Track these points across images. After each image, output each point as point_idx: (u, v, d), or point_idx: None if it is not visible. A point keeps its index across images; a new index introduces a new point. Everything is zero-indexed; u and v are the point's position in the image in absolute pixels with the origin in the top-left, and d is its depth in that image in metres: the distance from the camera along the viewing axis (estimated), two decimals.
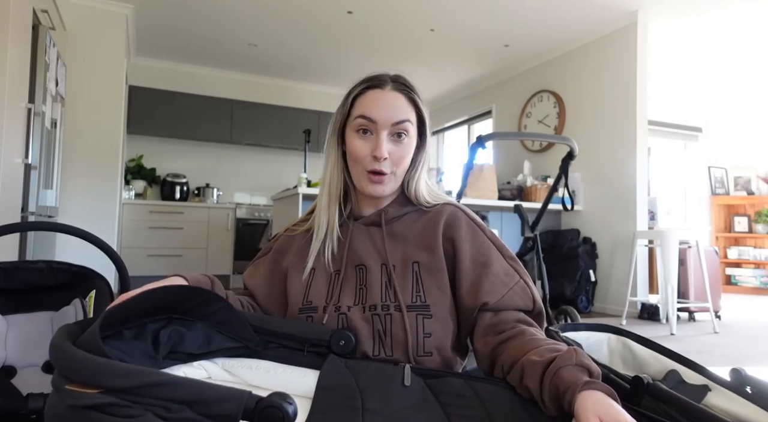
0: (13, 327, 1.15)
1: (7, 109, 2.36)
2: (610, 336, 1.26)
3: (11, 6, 2.39)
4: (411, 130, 0.91)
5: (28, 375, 1.12)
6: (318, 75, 6.10)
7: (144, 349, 0.67)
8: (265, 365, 0.77)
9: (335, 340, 0.79)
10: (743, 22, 4.34)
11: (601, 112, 4.57)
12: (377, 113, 0.89)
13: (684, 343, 3.16)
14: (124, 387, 0.45)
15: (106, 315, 0.60)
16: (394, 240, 0.92)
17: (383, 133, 0.89)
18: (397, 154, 0.90)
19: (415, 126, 0.93)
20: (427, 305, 0.85)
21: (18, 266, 1.20)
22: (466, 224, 0.91)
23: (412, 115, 0.92)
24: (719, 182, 6.78)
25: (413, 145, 0.93)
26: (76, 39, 4.09)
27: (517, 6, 4.17)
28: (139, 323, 0.68)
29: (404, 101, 0.91)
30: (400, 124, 0.89)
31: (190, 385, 0.47)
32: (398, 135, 0.90)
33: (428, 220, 0.93)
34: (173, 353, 0.72)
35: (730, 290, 6.34)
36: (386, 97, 0.90)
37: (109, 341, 0.62)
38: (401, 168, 0.92)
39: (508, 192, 4.83)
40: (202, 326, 0.74)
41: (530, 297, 0.87)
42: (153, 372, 0.47)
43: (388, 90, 0.91)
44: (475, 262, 0.88)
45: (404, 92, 0.92)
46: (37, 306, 1.20)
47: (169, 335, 0.70)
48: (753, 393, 0.94)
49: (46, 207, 3.11)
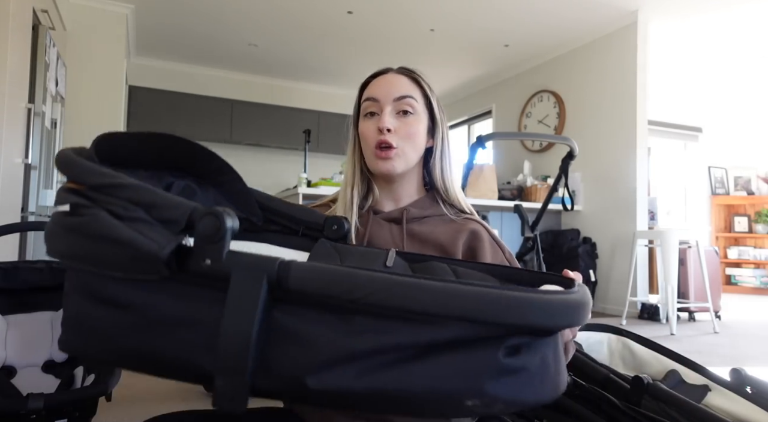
0: (13, 327, 1.15)
1: (7, 109, 2.36)
2: (610, 336, 1.26)
3: (11, 6, 2.39)
4: (417, 107, 0.90)
5: (28, 375, 1.12)
6: (318, 75, 6.10)
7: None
8: (261, 247, 0.79)
9: (329, 225, 0.80)
10: (743, 22, 4.34)
11: (601, 112, 4.57)
12: (378, 91, 0.90)
13: (684, 343, 3.16)
14: (95, 183, 0.49)
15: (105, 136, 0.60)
16: (412, 240, 0.91)
17: (387, 108, 0.89)
18: (403, 130, 0.89)
19: (423, 105, 0.92)
20: None
21: (18, 266, 1.20)
22: (488, 241, 0.90)
23: (417, 92, 0.91)
24: (719, 182, 6.78)
25: (421, 123, 0.91)
26: (76, 39, 4.09)
27: (517, 6, 4.17)
28: (155, 170, 0.70)
29: (407, 81, 0.91)
30: (402, 100, 0.89)
31: (148, 191, 0.49)
32: (404, 112, 0.89)
33: (451, 228, 0.91)
34: None
35: (730, 290, 6.33)
36: (388, 78, 0.92)
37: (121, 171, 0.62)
38: (410, 145, 0.90)
39: (508, 192, 4.83)
40: (213, 192, 0.75)
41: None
42: (120, 176, 0.50)
43: (391, 73, 0.93)
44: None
45: (407, 74, 0.92)
46: (37, 306, 1.20)
47: (182, 189, 0.71)
48: (753, 393, 0.94)
49: (46, 207, 3.11)
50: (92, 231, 0.47)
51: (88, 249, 0.48)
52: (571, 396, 1.01)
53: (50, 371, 1.13)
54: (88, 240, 0.47)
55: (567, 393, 1.00)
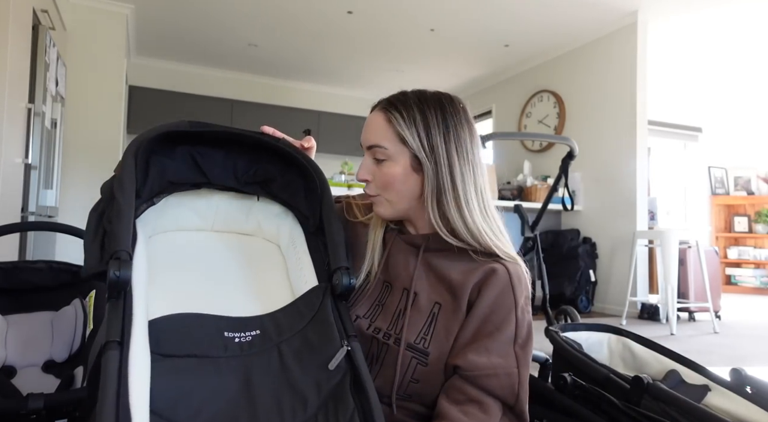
0: (13, 327, 1.15)
1: (7, 109, 2.36)
2: (610, 336, 1.26)
3: (11, 6, 2.39)
4: (388, 153, 0.83)
5: (28, 375, 1.12)
6: (318, 75, 6.10)
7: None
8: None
9: (337, 276, 0.83)
10: (743, 22, 4.34)
11: (601, 112, 4.57)
12: (362, 136, 0.88)
13: (684, 343, 3.16)
14: (112, 186, 0.75)
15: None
16: (426, 270, 0.86)
17: (366, 156, 0.87)
18: (378, 178, 0.86)
19: (398, 146, 0.83)
20: (428, 353, 0.79)
21: (18, 266, 1.20)
22: (501, 288, 0.80)
23: (388, 137, 0.83)
24: (719, 182, 6.78)
25: (397, 166, 0.83)
26: (76, 39, 4.09)
27: (518, 6, 4.17)
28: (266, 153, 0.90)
29: (381, 123, 0.84)
30: (372, 149, 0.85)
31: (118, 216, 0.69)
32: (377, 159, 0.85)
33: (467, 267, 0.83)
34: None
35: (730, 290, 6.34)
36: (369, 120, 0.88)
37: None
38: (391, 193, 0.85)
39: (508, 192, 4.83)
40: (294, 183, 0.93)
41: (514, 392, 0.76)
42: (122, 188, 0.72)
43: (375, 111, 0.87)
44: (480, 324, 0.79)
45: (384, 111, 0.84)
46: (37, 306, 1.20)
47: (268, 170, 0.91)
48: (753, 393, 0.94)
49: (46, 207, 3.11)
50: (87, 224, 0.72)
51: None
52: (571, 396, 1.01)
53: (50, 371, 1.13)
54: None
55: (567, 393, 1.00)
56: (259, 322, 0.76)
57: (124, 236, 0.65)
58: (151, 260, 0.80)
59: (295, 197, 0.92)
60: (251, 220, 0.94)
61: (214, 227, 0.93)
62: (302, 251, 0.88)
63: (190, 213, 0.90)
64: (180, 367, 0.66)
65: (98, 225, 0.72)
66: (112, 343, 0.57)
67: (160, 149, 0.83)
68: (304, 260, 0.87)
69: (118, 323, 0.60)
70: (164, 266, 0.82)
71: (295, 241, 0.91)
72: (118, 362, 0.56)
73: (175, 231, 0.90)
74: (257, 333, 0.74)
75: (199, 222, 0.92)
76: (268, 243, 0.95)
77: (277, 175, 0.91)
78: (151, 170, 0.82)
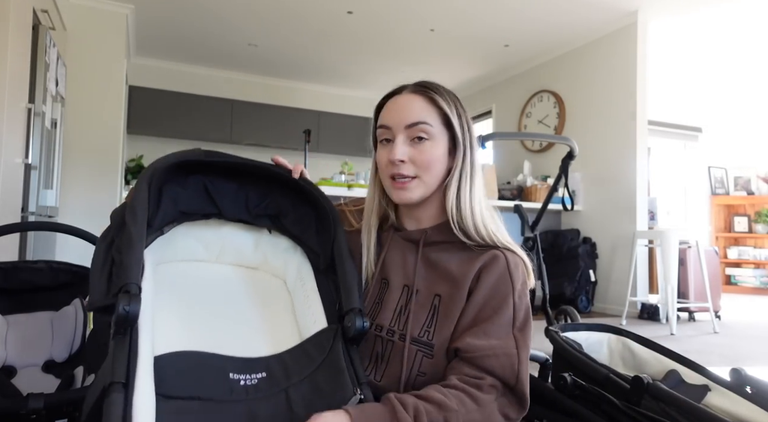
0: (13, 327, 1.15)
1: (7, 109, 2.36)
2: (610, 336, 1.26)
3: (11, 6, 2.39)
4: (432, 131, 0.83)
5: (28, 375, 1.12)
6: (318, 75, 6.10)
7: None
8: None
9: (347, 319, 0.82)
10: (743, 22, 4.34)
11: (601, 113, 4.57)
12: (390, 118, 0.85)
13: (684, 343, 3.16)
14: (124, 214, 0.74)
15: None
16: (426, 265, 0.86)
17: (399, 137, 0.84)
18: (419, 158, 0.83)
19: (441, 126, 0.85)
20: (432, 345, 0.80)
21: (18, 266, 1.20)
22: (499, 273, 0.82)
23: (432, 114, 0.84)
24: (719, 182, 6.78)
25: (439, 147, 0.84)
26: (76, 39, 4.08)
27: (517, 6, 4.17)
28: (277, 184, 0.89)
29: (421, 102, 0.84)
30: (414, 126, 0.83)
31: (128, 245, 0.67)
32: (418, 138, 0.83)
33: (466, 258, 0.84)
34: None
35: (730, 290, 6.33)
36: (401, 101, 0.86)
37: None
38: (430, 174, 0.84)
39: (508, 192, 4.83)
40: (306, 219, 0.92)
41: (514, 373, 0.77)
42: (134, 219, 0.70)
43: (404, 94, 0.86)
44: (479, 308, 0.80)
45: (422, 93, 0.85)
46: (37, 306, 1.20)
47: (279, 204, 0.90)
48: (753, 393, 0.94)
49: (46, 207, 3.11)
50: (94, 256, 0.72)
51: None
52: (571, 396, 1.01)
53: (50, 371, 1.13)
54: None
55: (567, 393, 1.00)
56: (265, 364, 0.73)
57: (134, 268, 0.63)
58: (156, 292, 0.78)
59: (306, 232, 0.89)
60: (258, 253, 0.92)
61: (219, 259, 0.90)
62: (311, 288, 0.86)
63: (196, 244, 0.88)
64: (184, 410, 0.64)
65: (107, 256, 0.70)
66: (117, 385, 0.55)
67: (174, 178, 0.82)
68: (312, 298, 0.84)
69: (123, 363, 0.57)
70: (168, 299, 0.79)
71: (303, 278, 0.88)
72: (123, 407, 0.53)
73: (179, 261, 0.87)
74: (263, 376, 0.71)
75: (204, 253, 0.89)
76: (274, 277, 0.93)
77: (289, 209, 0.89)
78: (163, 199, 0.80)
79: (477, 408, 0.72)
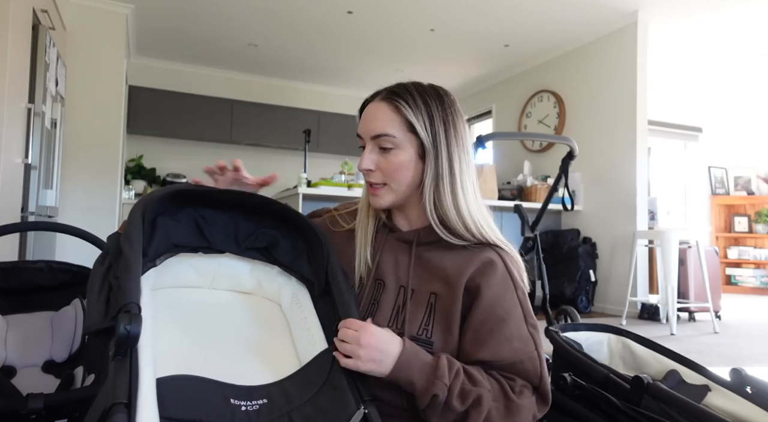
0: (13, 327, 1.15)
1: (7, 109, 2.36)
2: (610, 336, 1.26)
3: (11, 6, 2.39)
4: (397, 142, 0.85)
5: (28, 375, 1.12)
6: (318, 75, 6.10)
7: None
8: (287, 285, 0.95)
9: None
10: (743, 22, 4.34)
11: (601, 112, 4.57)
12: (361, 127, 0.89)
13: (684, 343, 3.16)
14: (120, 242, 0.74)
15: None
16: (419, 264, 0.88)
17: (368, 146, 0.87)
18: (385, 167, 0.86)
19: (406, 134, 0.85)
20: (431, 342, 0.82)
21: (18, 266, 1.20)
22: (500, 275, 0.83)
23: (395, 126, 0.85)
24: (719, 182, 6.77)
25: (404, 154, 0.85)
26: (76, 39, 4.08)
27: (517, 6, 4.17)
28: (255, 214, 0.91)
29: (386, 112, 0.85)
30: (379, 138, 0.85)
31: (126, 269, 0.68)
32: (385, 148, 0.86)
33: (461, 258, 0.85)
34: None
35: (730, 290, 6.33)
36: (371, 111, 0.88)
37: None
38: (397, 181, 0.86)
39: (508, 192, 4.83)
40: (297, 247, 0.92)
41: (537, 374, 0.80)
42: (130, 244, 0.71)
43: (374, 102, 0.89)
44: (491, 313, 0.81)
45: (389, 101, 0.86)
46: (37, 306, 1.20)
47: (269, 235, 0.90)
48: (753, 393, 0.94)
49: (46, 207, 3.11)
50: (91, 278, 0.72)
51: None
52: (571, 396, 1.01)
53: (50, 371, 1.13)
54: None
55: (567, 393, 1.00)
56: (266, 392, 0.73)
57: (133, 289, 0.63)
58: (153, 317, 0.78)
59: (297, 261, 0.90)
60: (252, 279, 0.93)
61: (213, 285, 0.91)
62: (308, 311, 0.86)
63: (190, 271, 0.89)
64: None
65: (104, 280, 0.70)
66: (119, 406, 0.54)
67: (166, 210, 0.83)
68: (311, 320, 0.84)
69: (124, 383, 0.56)
70: (164, 323, 0.79)
71: (300, 301, 0.89)
72: None
73: (173, 287, 0.88)
74: (265, 402, 0.71)
75: (198, 279, 0.90)
76: (269, 302, 0.93)
77: (279, 240, 0.90)
78: (156, 232, 0.81)
79: (511, 405, 0.77)
